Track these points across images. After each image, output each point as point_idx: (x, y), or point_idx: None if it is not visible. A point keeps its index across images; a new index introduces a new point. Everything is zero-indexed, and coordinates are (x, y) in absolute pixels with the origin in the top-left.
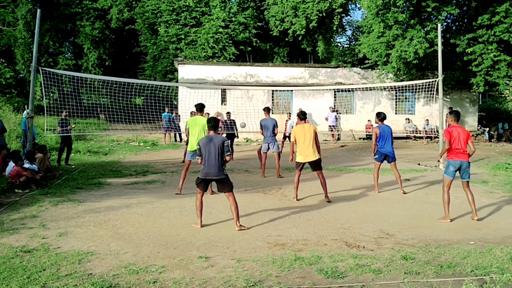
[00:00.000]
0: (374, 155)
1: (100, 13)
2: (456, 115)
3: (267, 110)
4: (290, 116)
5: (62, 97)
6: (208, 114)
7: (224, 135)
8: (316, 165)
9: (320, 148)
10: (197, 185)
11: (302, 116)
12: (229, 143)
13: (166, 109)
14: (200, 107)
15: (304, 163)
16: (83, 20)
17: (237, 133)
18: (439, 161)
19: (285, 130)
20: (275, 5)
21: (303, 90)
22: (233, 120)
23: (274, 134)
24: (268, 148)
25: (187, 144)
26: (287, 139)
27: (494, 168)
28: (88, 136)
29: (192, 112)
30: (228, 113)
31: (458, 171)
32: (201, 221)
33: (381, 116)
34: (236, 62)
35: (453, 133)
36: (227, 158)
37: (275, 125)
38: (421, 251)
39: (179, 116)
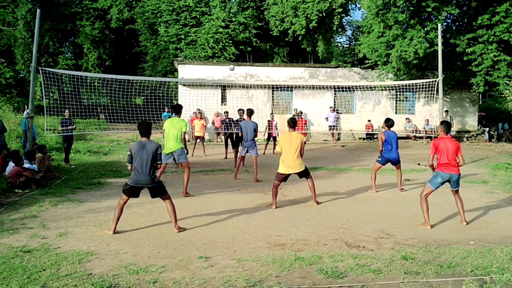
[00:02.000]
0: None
1: (100, 13)
2: (446, 126)
3: (249, 112)
4: (273, 116)
5: (62, 97)
6: (201, 114)
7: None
8: (303, 174)
9: (302, 157)
10: (124, 191)
11: (292, 124)
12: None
13: (166, 109)
14: (177, 108)
15: (287, 175)
16: (83, 20)
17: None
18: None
19: (272, 131)
20: (275, 5)
21: (303, 90)
22: (231, 118)
23: (254, 138)
24: (247, 151)
25: None
26: (271, 139)
27: (494, 168)
28: (88, 136)
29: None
30: (226, 112)
31: (448, 182)
32: (114, 229)
33: (389, 123)
34: (236, 62)
35: (439, 146)
36: (158, 166)
37: (255, 129)
38: (421, 251)
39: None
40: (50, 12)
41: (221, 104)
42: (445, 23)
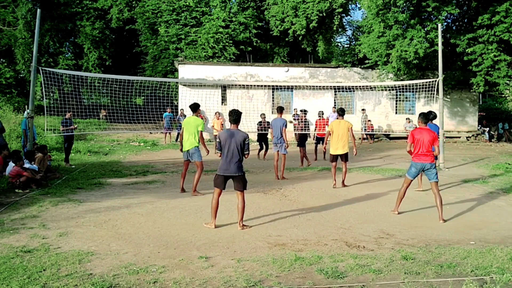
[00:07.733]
0: None
1: (100, 13)
2: (424, 117)
3: (192, 107)
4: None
5: (62, 97)
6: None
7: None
8: (343, 157)
9: (354, 141)
10: (215, 183)
11: (341, 112)
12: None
13: (168, 109)
14: (194, 107)
15: (336, 155)
16: (83, 20)
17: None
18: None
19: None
20: (275, 5)
21: (304, 90)
22: (268, 121)
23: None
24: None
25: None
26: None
27: (494, 168)
28: (88, 136)
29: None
30: (263, 114)
31: (423, 172)
32: (215, 222)
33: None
34: (236, 62)
35: (415, 136)
36: (246, 156)
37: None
38: (421, 251)
39: (185, 116)
40: (50, 12)
41: (221, 104)
42: (445, 23)
